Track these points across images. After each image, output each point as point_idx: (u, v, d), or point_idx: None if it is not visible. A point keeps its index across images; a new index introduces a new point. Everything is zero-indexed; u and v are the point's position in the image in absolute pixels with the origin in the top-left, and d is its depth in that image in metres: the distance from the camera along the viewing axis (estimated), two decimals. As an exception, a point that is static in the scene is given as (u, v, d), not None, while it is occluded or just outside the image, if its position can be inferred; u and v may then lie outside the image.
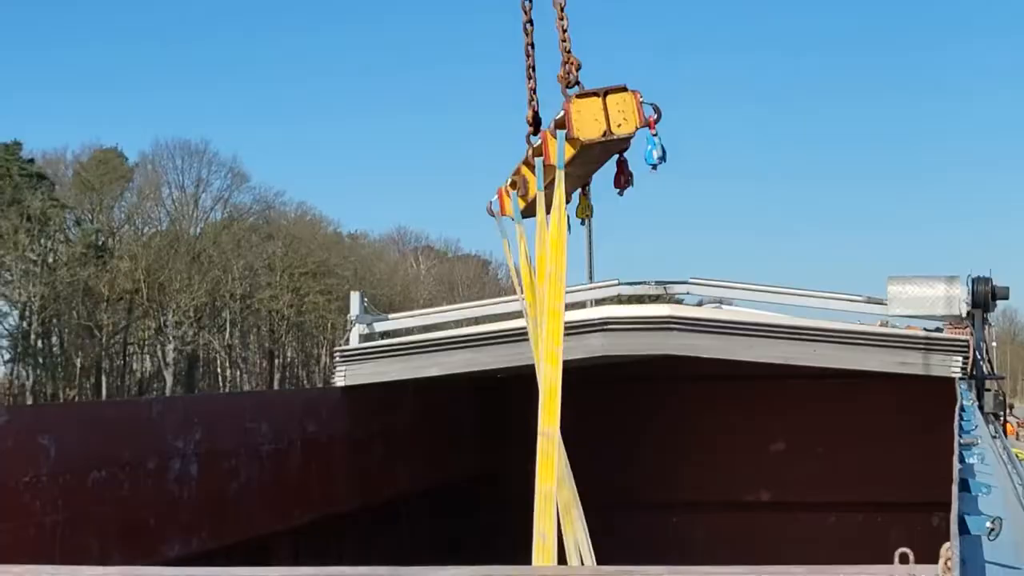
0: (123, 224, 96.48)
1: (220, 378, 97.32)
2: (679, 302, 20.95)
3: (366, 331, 17.05)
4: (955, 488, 5.47)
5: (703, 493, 19.94)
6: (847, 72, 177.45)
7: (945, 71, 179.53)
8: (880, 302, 16.29)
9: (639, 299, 20.42)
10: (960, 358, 15.02)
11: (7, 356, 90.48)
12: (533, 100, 8.55)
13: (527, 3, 8.37)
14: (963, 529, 4.78)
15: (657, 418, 20.11)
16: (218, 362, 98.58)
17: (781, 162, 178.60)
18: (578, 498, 8.40)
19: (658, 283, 17.53)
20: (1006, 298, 16.47)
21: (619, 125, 8.01)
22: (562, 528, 7.99)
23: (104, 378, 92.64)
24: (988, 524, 4.81)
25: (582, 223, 9.11)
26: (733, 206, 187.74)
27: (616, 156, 8.55)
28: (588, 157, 8.26)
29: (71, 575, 5.08)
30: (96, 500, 10.33)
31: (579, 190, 8.89)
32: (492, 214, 8.69)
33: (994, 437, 11.17)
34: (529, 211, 8.48)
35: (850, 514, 19.76)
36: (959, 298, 15.84)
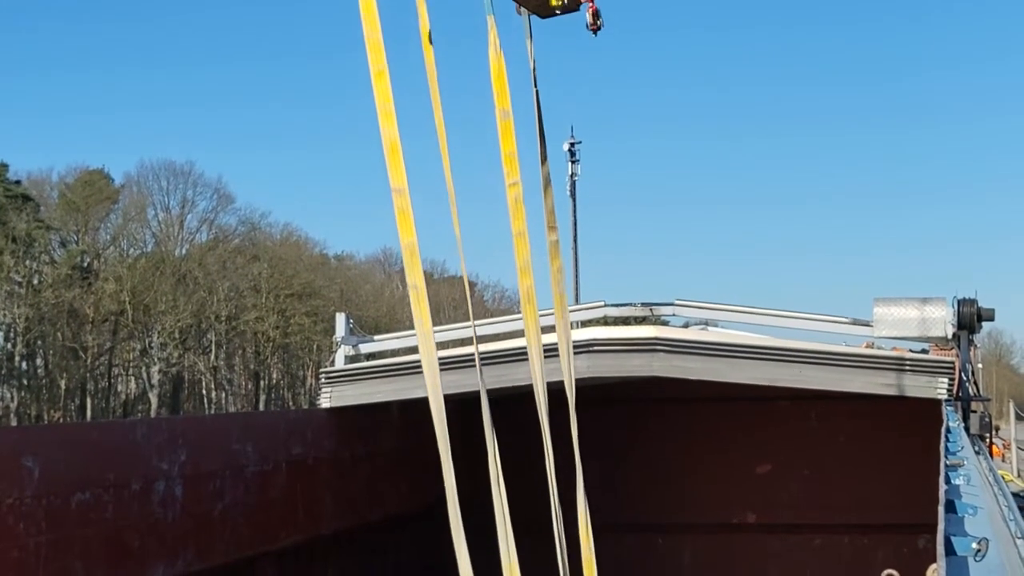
0: (108, 245, 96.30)
1: (205, 400, 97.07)
2: (665, 324, 20.97)
3: (352, 352, 17.03)
4: (941, 509, 5.46)
5: (689, 515, 19.92)
6: (831, 97, 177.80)
7: (928, 95, 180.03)
8: (866, 324, 16.30)
9: (625, 321, 20.42)
10: (946, 380, 15.04)
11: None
12: None
13: None
14: (949, 550, 4.77)
15: (643, 440, 20.09)
16: (203, 384, 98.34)
17: (767, 186, 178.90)
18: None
19: (644, 305, 17.52)
20: (991, 319, 16.50)
21: None
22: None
23: (89, 400, 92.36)
24: (974, 545, 4.80)
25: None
26: (719, 230, 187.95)
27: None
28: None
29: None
30: (80, 522, 10.29)
31: None
32: None
33: (980, 458, 11.17)
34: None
35: (836, 536, 19.74)
36: (945, 320, 15.86)
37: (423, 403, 16.76)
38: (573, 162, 59.24)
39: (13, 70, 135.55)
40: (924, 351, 16.73)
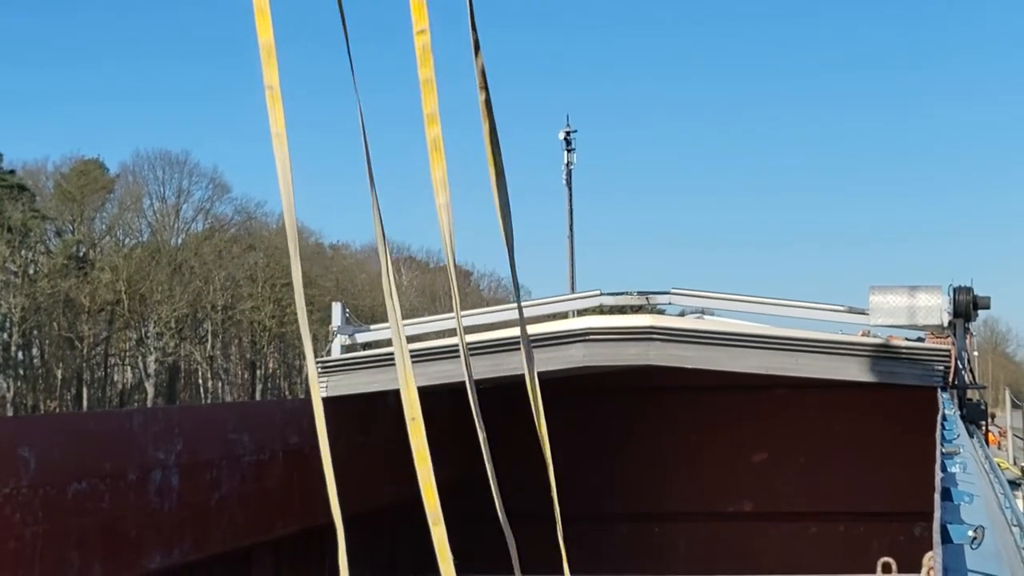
0: (104, 235, 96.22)
1: (201, 389, 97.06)
2: (661, 312, 21.00)
3: (348, 342, 17.02)
4: (937, 497, 5.46)
5: (685, 504, 19.94)
6: (828, 86, 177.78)
7: (922, 84, 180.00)
8: (862, 312, 16.31)
9: (621, 310, 20.43)
10: (942, 367, 15.05)
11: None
12: None
13: None
14: (945, 538, 4.78)
15: (639, 429, 20.10)
16: (199, 373, 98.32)
17: (764, 175, 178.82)
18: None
19: (640, 293, 17.52)
20: (987, 308, 16.51)
21: None
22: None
23: (85, 389, 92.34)
24: (970, 533, 4.81)
25: None
26: (716, 219, 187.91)
27: None
28: None
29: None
30: (77, 512, 10.29)
31: None
32: None
33: (976, 446, 11.19)
34: None
35: (832, 524, 19.77)
36: (940, 308, 15.88)
37: (421, 392, 16.76)
38: (569, 151, 59.24)
39: (7, 60, 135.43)
40: (920, 339, 16.74)
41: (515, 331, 17.63)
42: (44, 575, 8.63)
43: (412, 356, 15.30)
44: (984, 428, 17.35)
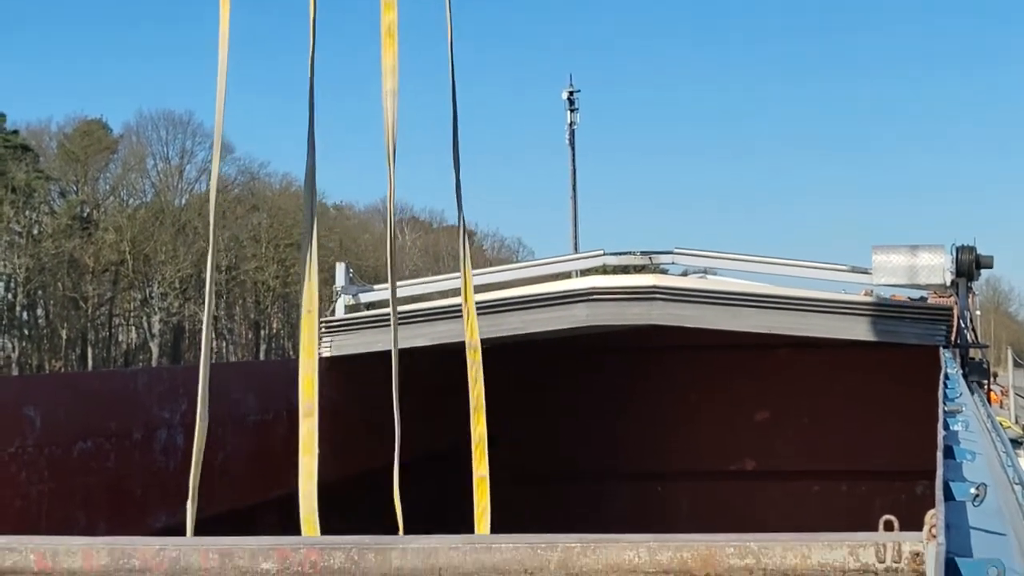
0: (108, 196, 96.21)
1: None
2: (664, 272, 21.00)
3: (351, 302, 17.04)
4: (940, 455, 5.48)
5: (688, 462, 19.99)
6: (829, 43, 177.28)
7: (922, 41, 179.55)
8: (865, 271, 16.30)
9: (624, 269, 20.44)
10: (944, 327, 15.07)
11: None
12: None
13: None
14: (948, 495, 4.80)
15: (642, 388, 20.14)
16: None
17: (767, 135, 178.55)
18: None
19: (643, 253, 17.52)
20: (990, 267, 16.51)
21: None
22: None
23: (90, 349, 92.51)
24: (973, 490, 4.83)
25: None
26: (719, 180, 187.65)
27: None
28: None
29: (57, 545, 5.07)
30: (82, 471, 10.33)
31: None
32: None
33: (978, 405, 11.21)
34: None
35: (834, 483, 19.83)
36: (943, 267, 15.87)
37: (424, 351, 16.83)
38: (572, 110, 59.17)
39: (11, 19, 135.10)
40: (923, 298, 16.76)
41: (516, 291, 17.67)
42: (49, 533, 8.66)
43: (418, 316, 15.32)
44: (986, 387, 17.36)
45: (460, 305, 15.91)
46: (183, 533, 6.94)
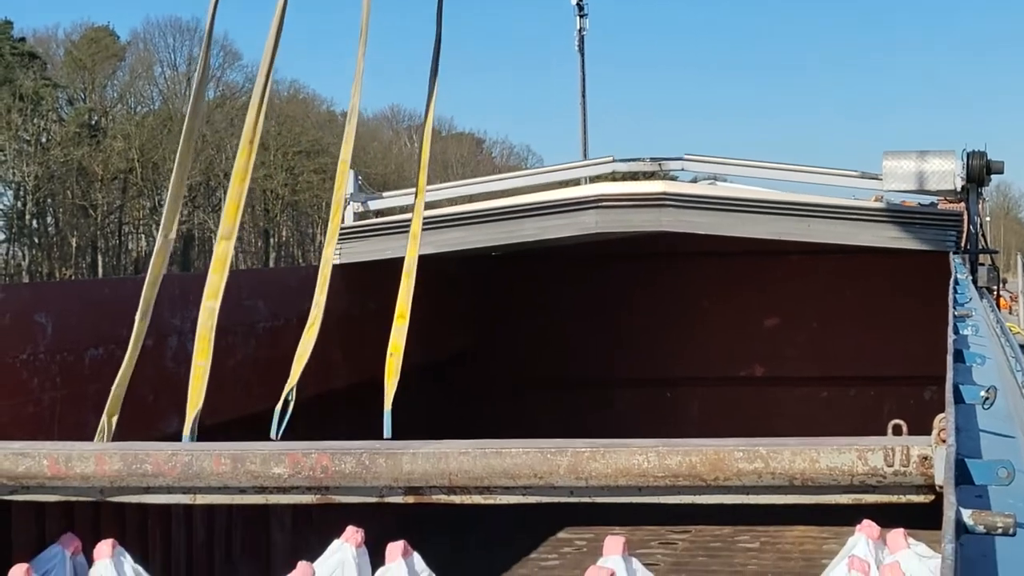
0: (115, 103, 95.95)
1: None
2: (673, 179, 20.93)
3: (360, 209, 17.02)
4: (950, 358, 5.49)
5: (698, 369, 20.03)
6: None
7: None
8: (875, 177, 16.23)
9: (633, 176, 20.41)
10: (954, 232, 15.03)
11: (2, 236, 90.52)
12: None
13: None
14: (958, 398, 4.82)
15: (651, 295, 20.14)
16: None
17: (778, 43, 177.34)
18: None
19: (652, 160, 17.43)
20: (1000, 172, 16.43)
21: None
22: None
23: (100, 258, 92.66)
24: (982, 393, 4.84)
25: None
26: (731, 88, 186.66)
27: None
28: None
29: (70, 450, 5.11)
30: (94, 377, 10.37)
31: None
32: None
33: (988, 310, 11.21)
34: None
35: (843, 388, 19.87)
36: (954, 172, 15.79)
37: (434, 259, 16.84)
38: (581, 16, 58.70)
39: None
40: (933, 204, 16.70)
41: (522, 199, 17.62)
42: (62, 439, 8.71)
43: (426, 223, 15.33)
44: (996, 293, 17.33)
45: (468, 212, 15.92)
46: (195, 439, 6.99)
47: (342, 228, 16.21)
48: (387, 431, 8.10)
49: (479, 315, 18.84)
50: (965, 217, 15.49)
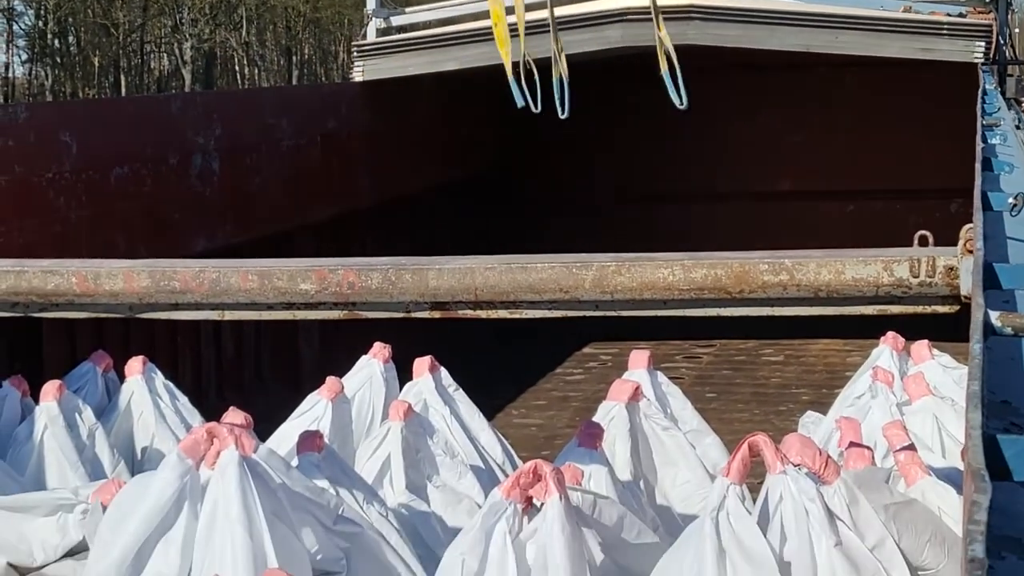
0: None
1: (238, 76, 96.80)
2: (700, -9, 20.65)
3: (383, 26, 16.89)
4: (978, 166, 5.47)
5: (724, 184, 20.00)
6: None
7: None
8: (904, -13, 16.02)
9: (659, -12, 20.07)
10: (983, 43, 14.86)
11: (24, 56, 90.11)
12: None
13: None
14: (986, 205, 4.82)
15: (677, 111, 19.96)
16: (236, 60, 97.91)
17: None
18: None
19: (679, -29, 17.18)
20: (1032, -18, 16.20)
21: None
22: None
23: (122, 77, 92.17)
24: (1010, 200, 4.84)
25: None
26: None
27: None
28: None
29: (99, 268, 5.14)
30: (120, 196, 10.41)
31: None
32: None
33: (1016, 120, 11.15)
34: None
35: (869, 202, 19.84)
36: (984, -18, 15.59)
37: (456, 76, 16.76)
38: None
39: None
40: (961, 15, 16.49)
41: (543, 13, 17.43)
42: (90, 257, 8.78)
43: (451, 39, 15.25)
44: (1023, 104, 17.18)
45: (490, 28, 15.75)
46: (221, 256, 7.02)
47: (364, 45, 16.12)
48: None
49: (502, 134, 18.79)
50: (994, 28, 15.30)
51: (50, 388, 6.48)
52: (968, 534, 1.82)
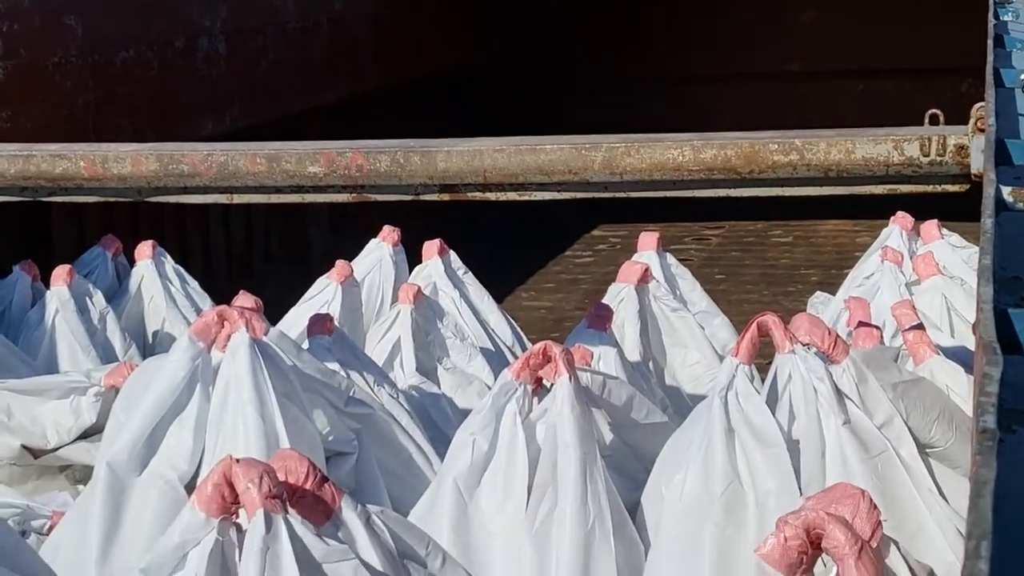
0: None
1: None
2: None
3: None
4: (990, 42, 5.43)
5: (733, 66, 19.84)
6: None
7: None
8: None
9: None
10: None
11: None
12: None
13: None
14: (998, 81, 4.79)
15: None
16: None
17: None
18: None
19: None
20: None
21: None
22: None
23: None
24: (1023, 77, 4.81)
25: None
26: None
27: None
28: None
29: (107, 151, 5.13)
30: (126, 79, 10.36)
31: None
32: None
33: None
34: None
35: (879, 81, 19.69)
36: None
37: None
38: None
39: None
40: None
41: None
42: (97, 141, 8.75)
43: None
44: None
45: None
46: (230, 139, 7.00)
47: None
48: None
49: (506, 21, 18.71)
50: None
51: (60, 272, 6.49)
52: (980, 406, 1.83)
